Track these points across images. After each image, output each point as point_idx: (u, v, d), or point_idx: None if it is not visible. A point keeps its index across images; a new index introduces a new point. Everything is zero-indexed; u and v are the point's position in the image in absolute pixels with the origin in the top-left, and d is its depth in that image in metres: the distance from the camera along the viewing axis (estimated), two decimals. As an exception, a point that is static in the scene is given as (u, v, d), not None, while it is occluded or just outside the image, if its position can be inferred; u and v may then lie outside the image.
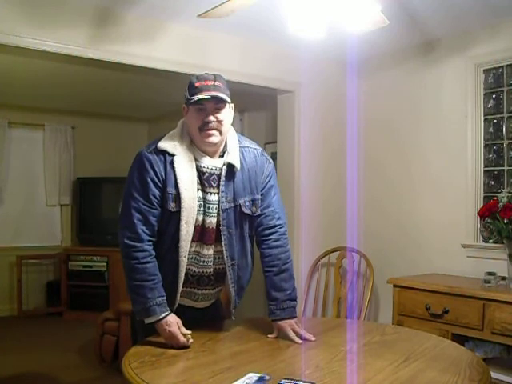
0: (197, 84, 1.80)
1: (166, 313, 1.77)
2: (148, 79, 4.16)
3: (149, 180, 1.79)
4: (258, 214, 1.95)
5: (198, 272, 1.90)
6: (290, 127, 3.83)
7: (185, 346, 1.73)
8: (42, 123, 5.95)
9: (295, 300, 1.96)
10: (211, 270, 1.91)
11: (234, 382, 1.43)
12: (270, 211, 1.97)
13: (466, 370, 1.55)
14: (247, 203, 1.91)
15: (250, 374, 1.48)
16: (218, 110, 1.81)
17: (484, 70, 3.25)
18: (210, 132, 1.81)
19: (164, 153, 1.81)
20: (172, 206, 1.80)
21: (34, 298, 5.83)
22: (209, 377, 1.48)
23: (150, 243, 1.81)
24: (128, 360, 1.62)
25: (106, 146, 6.34)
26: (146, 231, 1.79)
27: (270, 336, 1.90)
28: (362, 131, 3.99)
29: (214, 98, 1.78)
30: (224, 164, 1.86)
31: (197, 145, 1.86)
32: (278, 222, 1.98)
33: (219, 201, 1.85)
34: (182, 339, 1.73)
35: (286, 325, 1.88)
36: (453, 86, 3.40)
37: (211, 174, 1.86)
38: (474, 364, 1.60)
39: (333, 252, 3.77)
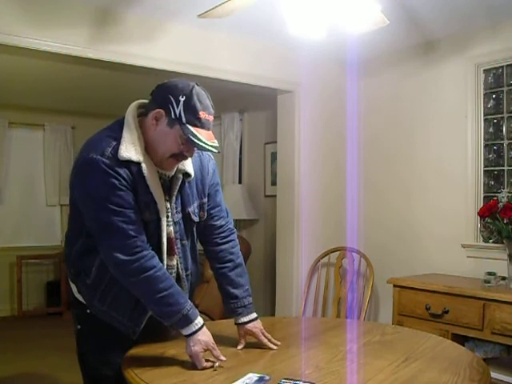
0: (201, 114, 1.55)
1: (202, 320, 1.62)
2: (148, 79, 4.16)
3: (121, 186, 1.54)
4: (204, 218, 1.81)
5: None
6: (290, 127, 3.83)
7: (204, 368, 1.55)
8: (42, 123, 5.96)
9: (251, 296, 1.87)
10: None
11: (234, 382, 1.44)
12: (217, 211, 1.86)
13: (465, 369, 1.55)
14: (196, 210, 1.77)
15: (250, 374, 1.48)
16: None
17: (484, 70, 3.25)
18: (178, 163, 1.66)
19: (128, 162, 1.55)
20: (146, 215, 1.61)
21: (34, 298, 5.84)
22: (209, 377, 1.49)
23: (151, 249, 1.62)
24: (128, 360, 1.62)
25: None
26: (145, 239, 1.60)
27: (239, 348, 1.76)
28: (361, 131, 3.98)
29: (216, 149, 1.58)
30: (179, 172, 1.69)
31: (151, 156, 1.63)
32: (225, 221, 1.88)
33: (171, 212, 1.70)
34: (205, 363, 1.55)
35: (257, 330, 1.79)
36: (453, 86, 3.40)
37: (164, 181, 1.69)
38: (474, 364, 1.60)
39: (333, 252, 3.77)
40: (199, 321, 1.60)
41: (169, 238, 1.70)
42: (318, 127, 3.88)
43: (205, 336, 1.59)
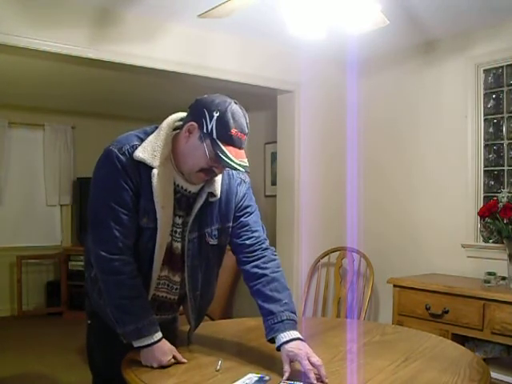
0: (233, 132, 1.51)
1: (160, 335, 1.57)
2: (148, 79, 4.16)
3: (125, 185, 1.54)
4: (227, 243, 1.76)
5: (163, 297, 1.73)
6: (290, 127, 3.83)
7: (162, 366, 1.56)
8: (42, 123, 5.95)
9: (295, 313, 1.64)
10: (177, 297, 1.77)
11: (234, 382, 1.44)
12: (245, 230, 1.76)
13: (465, 369, 1.55)
14: (214, 232, 1.71)
15: (250, 375, 1.48)
16: None
17: (484, 70, 3.25)
18: (207, 178, 1.62)
19: (140, 164, 1.55)
20: (143, 221, 1.58)
21: (34, 298, 5.84)
22: (209, 377, 1.48)
23: (131, 256, 1.59)
24: (128, 361, 1.62)
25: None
26: (129, 244, 1.57)
27: (285, 371, 1.49)
28: (361, 131, 3.98)
29: (244, 168, 1.53)
30: (204, 191, 1.65)
31: (180, 167, 1.62)
32: (256, 240, 1.77)
33: (187, 229, 1.66)
34: (167, 359, 1.56)
35: (302, 352, 1.50)
36: (453, 86, 3.40)
37: (183, 196, 1.65)
38: (474, 364, 1.60)
39: (333, 252, 3.77)
40: (155, 336, 1.56)
41: (173, 253, 1.67)
42: (317, 127, 3.88)
43: (157, 353, 1.55)
